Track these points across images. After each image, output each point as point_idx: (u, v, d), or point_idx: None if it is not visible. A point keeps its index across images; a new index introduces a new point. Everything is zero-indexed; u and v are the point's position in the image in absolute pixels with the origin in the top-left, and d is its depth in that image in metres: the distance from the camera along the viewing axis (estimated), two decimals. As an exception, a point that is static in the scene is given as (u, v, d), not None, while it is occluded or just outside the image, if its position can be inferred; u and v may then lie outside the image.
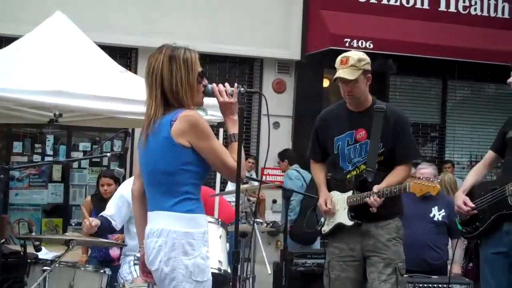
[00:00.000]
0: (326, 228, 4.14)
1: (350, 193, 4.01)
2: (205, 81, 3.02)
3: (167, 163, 2.86)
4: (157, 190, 2.93)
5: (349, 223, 3.99)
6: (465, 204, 3.87)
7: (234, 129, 2.99)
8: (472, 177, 4.07)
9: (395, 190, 3.86)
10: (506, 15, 10.45)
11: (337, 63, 3.98)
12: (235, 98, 3.00)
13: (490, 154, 4.07)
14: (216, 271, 3.59)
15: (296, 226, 6.70)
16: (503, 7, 10.43)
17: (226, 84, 3.04)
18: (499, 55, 9.37)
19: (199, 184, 2.96)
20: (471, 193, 3.98)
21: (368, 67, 3.98)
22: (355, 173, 4.01)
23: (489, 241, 3.84)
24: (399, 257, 3.97)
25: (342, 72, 3.91)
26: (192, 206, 2.90)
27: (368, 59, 4.00)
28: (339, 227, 4.06)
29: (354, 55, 3.96)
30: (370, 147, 3.94)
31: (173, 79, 2.90)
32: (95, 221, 4.32)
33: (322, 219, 4.18)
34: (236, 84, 3.07)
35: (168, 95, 2.92)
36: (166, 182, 2.87)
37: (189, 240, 2.84)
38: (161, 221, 2.87)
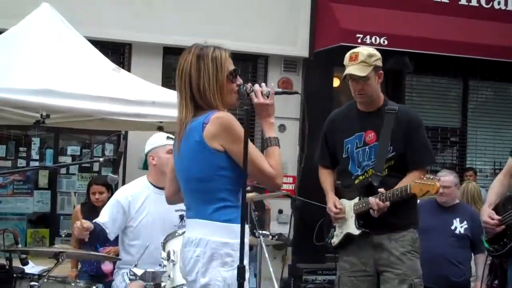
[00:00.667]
0: (335, 240, 4.16)
1: (356, 199, 4.04)
2: (240, 80, 3.06)
3: (200, 169, 2.91)
4: (194, 197, 2.99)
5: (356, 232, 4.00)
6: (491, 218, 3.88)
7: (270, 132, 3.05)
8: (496, 189, 4.10)
9: (397, 193, 3.87)
10: (534, 9, 10.45)
11: (346, 60, 4.04)
12: (272, 99, 3.05)
13: (511, 162, 4.07)
14: None
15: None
16: (530, 1, 10.44)
17: (262, 84, 3.09)
18: (525, 53, 9.38)
19: (237, 190, 2.98)
20: (497, 208, 3.99)
21: (380, 63, 4.03)
22: (363, 178, 4.04)
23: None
24: (415, 272, 3.97)
25: (352, 69, 3.96)
26: (231, 215, 2.94)
27: (379, 54, 4.06)
28: (348, 238, 4.07)
29: (364, 50, 4.03)
30: (378, 150, 3.97)
31: (201, 78, 2.95)
32: (87, 223, 4.29)
33: (332, 230, 4.19)
34: (272, 84, 3.11)
35: (196, 96, 2.97)
36: (201, 190, 2.92)
37: (228, 250, 2.91)
38: (199, 230, 2.92)
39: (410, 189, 3.82)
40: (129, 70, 8.32)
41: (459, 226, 5.75)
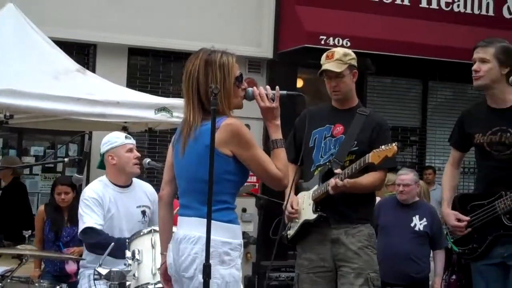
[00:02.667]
0: (291, 232, 4.17)
1: (315, 187, 4.08)
2: (245, 84, 3.12)
3: (207, 171, 2.90)
4: (196, 197, 3.02)
5: (312, 216, 4.02)
6: (459, 220, 3.95)
7: (277, 134, 3.09)
8: (448, 184, 4.19)
9: (355, 166, 3.91)
10: (491, 13, 10.62)
11: (323, 59, 4.13)
12: (277, 102, 3.09)
13: (455, 153, 4.20)
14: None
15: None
16: (488, 4, 10.60)
17: (267, 87, 3.14)
18: (483, 55, 9.49)
19: (236, 194, 3.10)
20: (454, 207, 4.06)
21: (354, 63, 4.14)
22: (322, 168, 4.09)
23: (484, 254, 3.92)
24: (371, 266, 4.00)
25: (328, 66, 4.06)
26: (231, 216, 3.05)
27: (354, 55, 4.17)
28: (304, 228, 4.09)
29: (340, 50, 4.15)
30: (343, 142, 4.04)
31: (209, 84, 2.97)
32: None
33: (289, 224, 4.20)
34: (277, 87, 3.14)
35: (203, 100, 3.01)
36: (205, 190, 2.91)
37: (227, 249, 2.97)
38: (200, 228, 2.92)
39: (368, 159, 3.87)
40: (93, 70, 8.24)
41: (418, 223, 5.83)
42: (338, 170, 3.94)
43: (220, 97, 2.97)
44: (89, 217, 4.37)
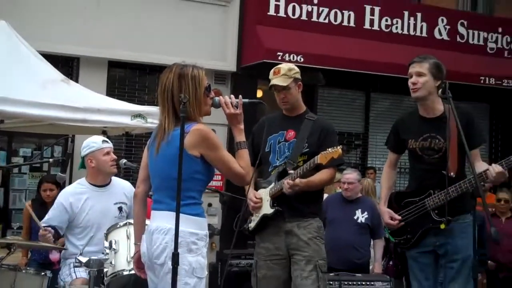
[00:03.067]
0: (252, 225, 4.18)
1: (272, 184, 4.09)
2: (212, 94, 3.14)
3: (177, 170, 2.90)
4: (167, 193, 3.02)
5: (270, 211, 4.04)
6: (392, 218, 4.00)
7: (240, 137, 3.14)
8: (385, 183, 4.22)
9: (306, 167, 3.94)
10: (425, 34, 10.77)
11: (271, 75, 4.15)
12: (240, 109, 3.13)
13: (392, 156, 4.24)
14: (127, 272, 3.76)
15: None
16: (422, 26, 10.75)
17: (232, 96, 3.17)
18: (417, 71, 9.61)
19: (203, 191, 3.11)
20: (390, 204, 4.11)
21: (298, 76, 4.16)
22: (281, 167, 4.11)
23: (416, 243, 3.97)
24: (319, 254, 4.03)
25: (275, 81, 4.10)
26: (199, 210, 3.07)
27: (298, 69, 4.20)
28: (264, 221, 4.10)
29: (285, 65, 4.18)
30: (295, 145, 4.07)
31: (182, 94, 2.97)
32: (47, 229, 4.27)
33: (250, 218, 4.20)
34: (240, 96, 3.18)
35: (177, 109, 3.01)
36: (176, 187, 2.90)
37: (194, 240, 2.99)
38: (170, 220, 2.91)
39: (317, 160, 3.90)
40: (77, 81, 8.14)
41: (360, 216, 5.89)
42: (291, 171, 3.97)
43: (192, 105, 3.00)
44: (49, 216, 4.46)
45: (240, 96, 3.19)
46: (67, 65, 8.84)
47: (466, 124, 3.79)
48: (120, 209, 4.48)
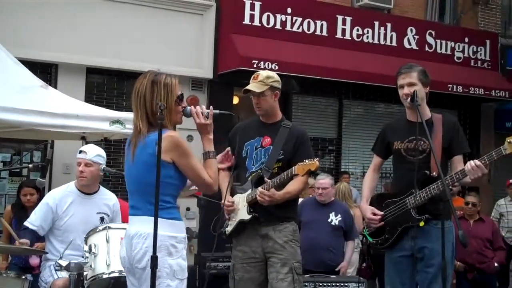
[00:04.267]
0: (229, 229, 4.17)
1: (249, 191, 4.08)
2: (184, 103, 3.12)
3: (152, 176, 2.89)
4: (143, 198, 2.99)
5: (247, 217, 4.03)
6: (374, 214, 4.01)
7: (209, 147, 3.12)
8: (368, 184, 4.24)
9: (283, 176, 3.94)
10: (394, 43, 10.89)
11: (251, 79, 4.14)
12: (211, 119, 3.12)
13: (377, 160, 4.26)
14: (107, 276, 3.74)
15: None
16: (391, 36, 10.87)
17: (203, 106, 3.16)
18: (388, 79, 9.67)
19: (177, 196, 3.08)
20: (371, 204, 4.12)
21: (277, 85, 4.12)
22: (255, 174, 4.09)
23: (394, 246, 3.98)
24: (294, 257, 4.02)
25: (251, 86, 4.08)
26: (175, 214, 3.05)
27: (277, 77, 4.15)
28: (240, 225, 4.09)
29: (264, 72, 4.15)
30: (271, 152, 4.06)
31: (154, 101, 2.96)
32: (23, 241, 4.20)
33: (226, 222, 4.19)
34: (211, 107, 3.17)
35: (149, 115, 2.99)
36: (151, 192, 2.89)
37: (173, 243, 2.96)
38: (148, 225, 2.89)
39: (294, 171, 3.90)
40: (55, 87, 8.03)
41: (334, 219, 5.91)
42: (267, 180, 3.97)
43: (164, 112, 2.95)
44: (32, 216, 4.43)
45: (211, 107, 3.19)
46: (46, 72, 8.73)
47: (452, 130, 3.91)
48: (102, 219, 4.45)
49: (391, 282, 3.99)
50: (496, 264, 6.59)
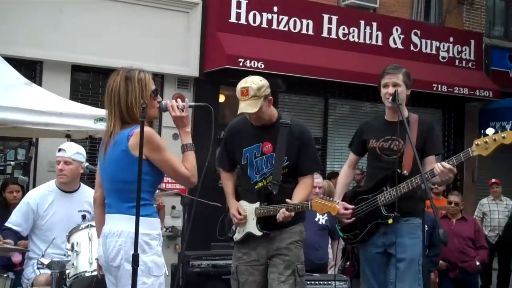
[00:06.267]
0: (237, 236, 4.04)
1: (257, 204, 3.95)
2: (159, 98, 3.10)
3: (125, 173, 2.89)
4: (117, 196, 2.97)
5: (258, 233, 3.93)
6: (346, 208, 4.05)
7: (187, 139, 3.08)
8: (342, 181, 4.30)
9: (299, 207, 3.81)
10: (380, 42, 10.92)
11: (238, 94, 3.81)
12: (186, 112, 3.08)
13: (353, 156, 4.31)
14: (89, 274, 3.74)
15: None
16: (377, 35, 10.90)
17: (179, 99, 3.11)
18: (373, 78, 9.66)
19: (153, 192, 3.06)
20: (344, 200, 4.16)
21: (268, 91, 3.84)
22: (261, 184, 3.95)
23: (367, 244, 4.03)
24: (298, 259, 3.96)
25: (244, 106, 3.78)
26: (149, 211, 2.99)
27: (266, 83, 3.85)
28: (249, 236, 3.99)
29: (253, 84, 3.78)
30: (275, 161, 3.88)
31: (129, 97, 2.95)
32: (8, 241, 4.17)
33: (234, 227, 4.07)
34: (186, 99, 3.14)
35: (123, 111, 2.97)
36: (125, 189, 2.90)
37: (147, 240, 2.93)
38: (121, 223, 2.91)
39: (311, 207, 3.78)
40: (40, 85, 7.99)
41: (321, 218, 5.93)
42: (288, 200, 3.80)
43: (138, 107, 2.94)
44: (13, 216, 4.42)
45: (186, 99, 3.16)
46: (30, 69, 8.67)
47: (427, 130, 3.98)
48: (83, 217, 4.43)
49: (366, 279, 4.04)
50: (478, 263, 6.64)
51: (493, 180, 9.16)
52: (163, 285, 3.00)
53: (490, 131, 3.63)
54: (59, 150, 4.49)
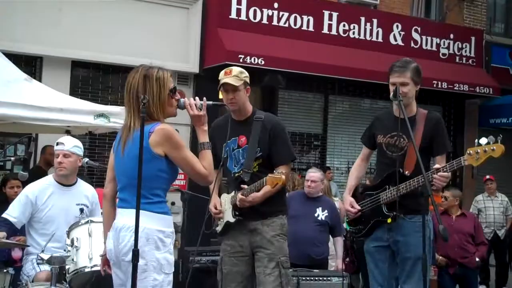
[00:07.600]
0: (219, 228, 4.21)
1: (233, 193, 4.10)
2: (178, 96, 3.11)
3: (145, 169, 2.88)
4: (133, 191, 2.94)
5: (232, 220, 4.07)
6: (352, 206, 4.07)
7: (204, 138, 3.12)
8: (355, 173, 4.33)
9: (257, 185, 3.95)
10: (380, 39, 10.92)
11: (221, 75, 4.07)
12: (204, 110, 3.11)
13: (365, 150, 4.32)
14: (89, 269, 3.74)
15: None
16: (377, 32, 10.90)
17: (197, 98, 3.15)
18: (374, 74, 9.77)
19: (167, 190, 3.09)
20: (355, 192, 4.19)
21: (248, 80, 4.11)
22: (238, 174, 4.10)
23: (372, 237, 4.06)
24: (281, 251, 4.04)
25: (227, 80, 4.03)
26: (165, 208, 3.03)
27: (247, 74, 4.13)
28: (228, 225, 4.12)
29: (236, 68, 4.12)
30: (248, 151, 4.05)
31: (147, 95, 2.95)
32: (2, 234, 4.16)
33: (216, 220, 4.23)
34: (204, 98, 3.16)
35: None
36: (143, 186, 2.88)
37: (161, 237, 2.96)
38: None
39: (265, 183, 3.89)
40: (40, 80, 7.98)
41: (321, 214, 5.93)
42: (244, 186, 3.99)
43: (156, 106, 2.98)
44: (10, 208, 4.40)
45: (204, 98, 3.18)
46: (30, 65, 8.67)
47: (434, 127, 3.93)
48: (81, 210, 4.44)
49: (371, 272, 4.06)
50: (477, 259, 6.64)
51: (488, 177, 9.16)
52: (171, 284, 3.01)
53: (483, 141, 3.65)
54: (57, 143, 4.49)
